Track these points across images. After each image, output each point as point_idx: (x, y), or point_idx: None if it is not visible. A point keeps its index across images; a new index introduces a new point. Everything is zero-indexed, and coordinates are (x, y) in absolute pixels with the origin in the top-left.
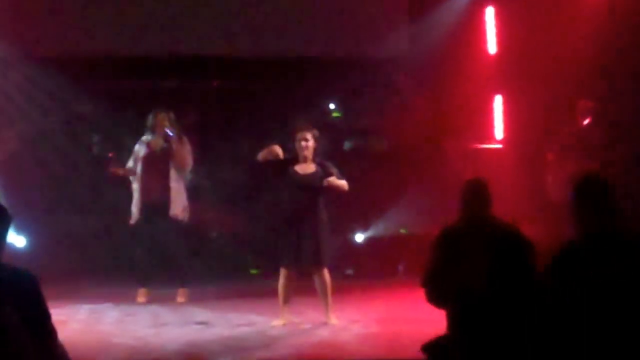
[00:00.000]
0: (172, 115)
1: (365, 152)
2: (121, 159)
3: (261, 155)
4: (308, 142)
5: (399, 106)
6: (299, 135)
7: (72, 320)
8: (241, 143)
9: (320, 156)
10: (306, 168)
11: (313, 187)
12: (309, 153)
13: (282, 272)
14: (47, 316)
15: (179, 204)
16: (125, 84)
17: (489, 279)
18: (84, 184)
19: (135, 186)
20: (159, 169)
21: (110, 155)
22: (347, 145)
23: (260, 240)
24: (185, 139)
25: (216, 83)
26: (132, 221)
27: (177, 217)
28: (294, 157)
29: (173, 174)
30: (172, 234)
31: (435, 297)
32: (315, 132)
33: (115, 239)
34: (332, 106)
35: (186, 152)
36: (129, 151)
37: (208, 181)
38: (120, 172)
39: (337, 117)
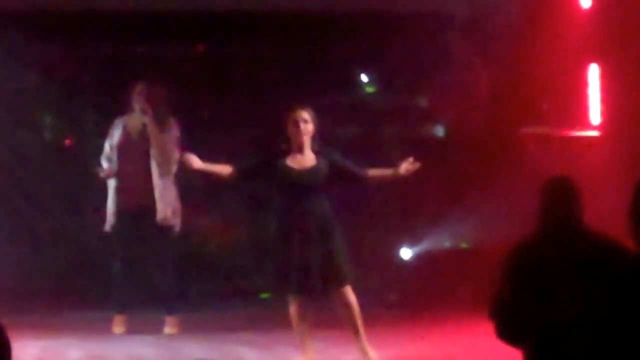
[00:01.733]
0: (155, 89)
1: (413, 141)
2: (83, 147)
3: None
4: (307, 124)
5: (459, 80)
6: (294, 116)
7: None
8: (243, 130)
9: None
10: (303, 161)
11: (315, 185)
12: (307, 139)
13: (292, 300)
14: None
15: (166, 205)
16: (85, 49)
17: (581, 310)
18: (34, 177)
19: (112, 182)
20: (138, 160)
21: (67, 142)
22: (387, 131)
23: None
24: (172, 122)
25: (202, 47)
26: (107, 227)
27: (165, 222)
28: (283, 148)
29: (156, 168)
30: (158, 245)
31: (509, 333)
32: (312, 113)
33: (81, 247)
34: (364, 78)
35: (168, 140)
36: (91, 135)
37: (201, 180)
38: (112, 173)
39: (371, 93)
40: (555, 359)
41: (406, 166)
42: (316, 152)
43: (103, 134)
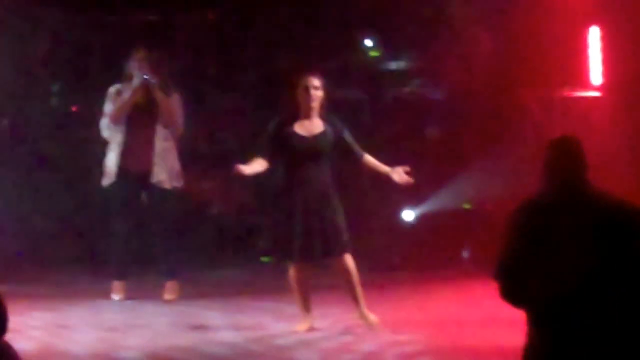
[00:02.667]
0: (156, 55)
1: (414, 104)
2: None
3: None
4: (317, 90)
5: (460, 42)
6: (305, 82)
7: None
8: (248, 95)
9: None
10: (311, 127)
11: (322, 152)
12: (316, 105)
13: (291, 265)
14: None
15: (165, 169)
16: (92, 17)
17: (586, 269)
18: (40, 144)
19: (114, 146)
20: (142, 126)
21: (73, 109)
22: (389, 93)
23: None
24: (173, 91)
25: (212, 15)
26: (105, 183)
27: (162, 184)
28: (290, 114)
29: (160, 131)
30: (157, 208)
31: (514, 293)
32: (322, 79)
33: (82, 213)
34: (368, 43)
35: (174, 104)
36: (98, 102)
37: (205, 144)
38: None
39: (375, 56)
40: (560, 319)
41: (400, 176)
42: (324, 119)
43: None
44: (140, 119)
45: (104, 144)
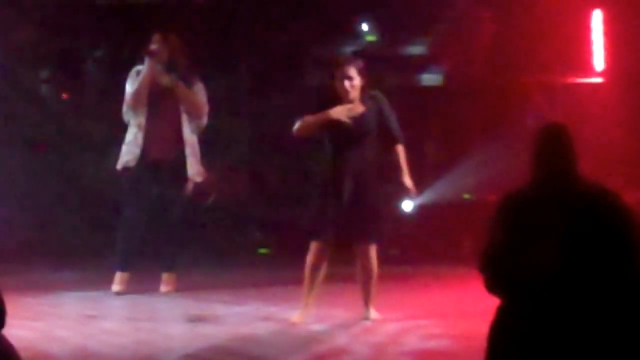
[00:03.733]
0: (174, 39)
1: (413, 91)
2: (83, 101)
3: (306, 129)
4: (353, 80)
5: (460, 27)
6: (340, 73)
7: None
8: (244, 80)
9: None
10: (353, 108)
11: (365, 134)
12: (355, 94)
13: (315, 247)
14: None
15: (196, 166)
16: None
17: (570, 262)
18: (32, 133)
19: (133, 130)
20: (165, 114)
21: (64, 96)
22: (387, 80)
23: (271, 211)
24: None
25: None
26: (119, 166)
27: (193, 182)
28: (332, 97)
29: (188, 123)
30: (170, 199)
31: (499, 285)
32: (359, 63)
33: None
34: (365, 27)
35: (197, 94)
36: (92, 90)
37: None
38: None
39: (372, 41)
40: (543, 309)
41: (409, 186)
42: (364, 102)
43: (102, 87)
44: (162, 105)
45: (101, 133)
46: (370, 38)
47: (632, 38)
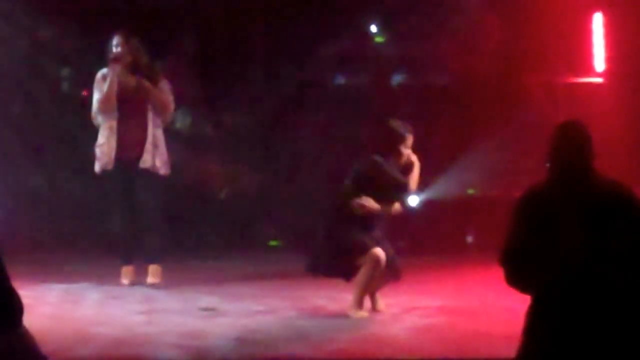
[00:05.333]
0: (135, 40)
1: (419, 89)
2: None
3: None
4: (408, 149)
5: (465, 28)
6: (404, 145)
7: (40, 303)
8: (255, 77)
9: None
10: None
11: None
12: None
13: (374, 256)
14: (8, 291)
15: (157, 156)
16: (102, 1)
17: (589, 255)
18: (52, 130)
19: (105, 133)
20: (133, 112)
21: (84, 93)
22: (395, 79)
23: (282, 203)
24: (159, 70)
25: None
26: (97, 169)
27: (152, 170)
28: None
29: (152, 118)
30: (144, 194)
31: (518, 279)
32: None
33: (95, 200)
34: (374, 28)
35: (163, 91)
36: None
37: (212, 127)
38: None
39: (380, 42)
40: (564, 305)
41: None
42: None
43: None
44: (130, 105)
45: None
46: (380, 39)
47: (632, 40)
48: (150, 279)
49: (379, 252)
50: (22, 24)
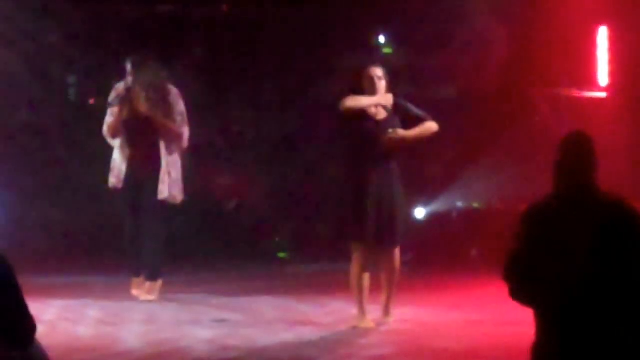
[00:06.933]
0: (152, 64)
1: (426, 102)
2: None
3: (356, 105)
4: (381, 80)
5: (472, 41)
6: (369, 72)
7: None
8: (263, 87)
9: None
10: (378, 113)
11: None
12: (383, 93)
13: (358, 254)
14: (21, 309)
15: (170, 184)
16: (109, 9)
17: (593, 270)
18: (59, 138)
19: (118, 150)
20: (143, 133)
21: (91, 101)
22: (401, 91)
23: (291, 215)
24: (175, 94)
25: (227, 8)
26: (110, 184)
27: (170, 199)
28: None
29: (165, 145)
30: (152, 214)
31: (522, 293)
32: (384, 70)
33: (103, 210)
34: (382, 39)
35: (175, 119)
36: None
37: (222, 137)
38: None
39: (388, 53)
40: (567, 319)
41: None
42: (387, 108)
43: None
44: (142, 131)
45: None
46: (388, 50)
47: (636, 54)
48: (145, 296)
49: (357, 254)
50: (29, 29)
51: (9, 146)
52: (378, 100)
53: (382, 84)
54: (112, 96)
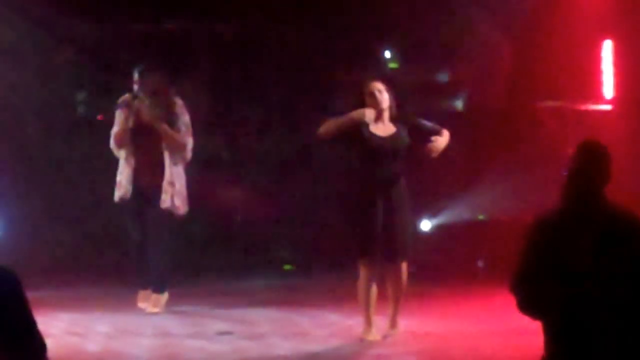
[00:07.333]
0: (158, 74)
1: (433, 115)
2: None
3: (329, 129)
4: (382, 93)
5: (477, 56)
6: (370, 87)
7: (45, 334)
8: (270, 103)
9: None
10: (385, 128)
11: (398, 152)
12: (386, 107)
13: (364, 268)
14: (30, 327)
15: (173, 194)
16: (117, 26)
17: (602, 284)
18: (67, 153)
19: (123, 162)
20: (148, 144)
21: (99, 117)
22: (408, 105)
23: (296, 228)
24: (181, 106)
25: (233, 25)
26: (116, 199)
27: (172, 210)
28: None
29: (169, 155)
30: (157, 227)
31: (530, 305)
32: (386, 82)
33: (110, 224)
34: (387, 54)
35: (180, 130)
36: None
37: (228, 152)
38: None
39: (394, 68)
40: (575, 332)
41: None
42: (394, 120)
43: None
44: (146, 141)
45: None
46: (394, 65)
47: None
48: (150, 308)
49: (363, 268)
50: (40, 46)
51: (18, 161)
52: (350, 117)
53: (384, 97)
54: (120, 100)
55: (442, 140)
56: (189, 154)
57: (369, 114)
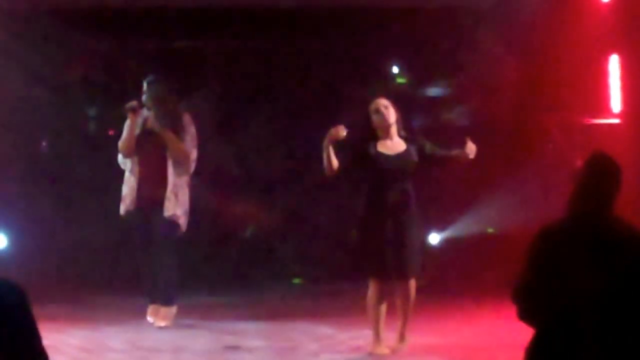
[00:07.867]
0: (163, 85)
1: (440, 129)
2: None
3: (327, 166)
4: (388, 109)
5: (484, 70)
6: (375, 104)
7: (54, 353)
8: (278, 117)
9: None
10: (393, 146)
11: (407, 170)
12: (393, 122)
13: (374, 286)
14: (36, 342)
15: (177, 204)
16: (130, 43)
17: (601, 296)
18: (78, 169)
19: (128, 175)
20: (153, 156)
21: (110, 132)
22: (416, 120)
23: (305, 241)
24: (187, 119)
25: (242, 41)
26: (122, 212)
27: (172, 219)
28: (371, 134)
29: (173, 166)
30: (162, 240)
31: (530, 316)
32: (390, 99)
33: (120, 239)
34: (395, 70)
35: (184, 140)
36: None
37: (236, 165)
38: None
39: (401, 83)
40: (571, 342)
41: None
42: (404, 138)
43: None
44: (151, 151)
45: None
46: (401, 80)
47: None
48: (159, 322)
49: (373, 286)
50: (51, 62)
51: (29, 176)
52: (326, 145)
53: (390, 112)
54: (127, 105)
55: (470, 143)
56: (192, 166)
57: (341, 130)
